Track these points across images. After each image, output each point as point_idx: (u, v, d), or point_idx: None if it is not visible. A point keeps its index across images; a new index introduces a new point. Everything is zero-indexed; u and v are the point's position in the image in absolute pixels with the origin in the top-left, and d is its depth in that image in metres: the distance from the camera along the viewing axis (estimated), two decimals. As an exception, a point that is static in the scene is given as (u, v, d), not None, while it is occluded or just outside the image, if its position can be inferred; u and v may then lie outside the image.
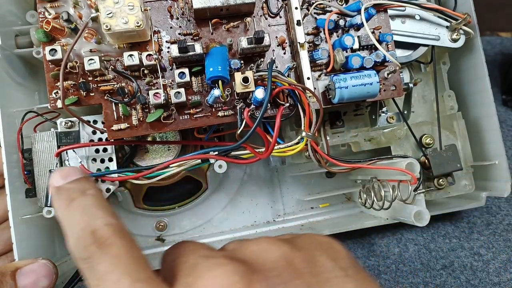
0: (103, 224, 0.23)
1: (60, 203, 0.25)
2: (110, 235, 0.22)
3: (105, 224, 0.22)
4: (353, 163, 0.37)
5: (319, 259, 0.23)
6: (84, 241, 0.22)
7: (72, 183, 0.26)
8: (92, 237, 0.22)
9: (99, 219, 0.23)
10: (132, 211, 0.46)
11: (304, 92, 0.33)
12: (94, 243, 0.22)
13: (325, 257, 0.23)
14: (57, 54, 0.31)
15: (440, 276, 0.46)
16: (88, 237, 0.22)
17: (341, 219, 0.48)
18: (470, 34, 0.40)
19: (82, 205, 0.24)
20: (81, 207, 0.24)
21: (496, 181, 0.42)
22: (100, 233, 0.22)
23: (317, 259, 0.23)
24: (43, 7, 0.33)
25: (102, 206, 0.24)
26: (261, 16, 0.35)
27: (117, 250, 0.22)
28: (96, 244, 0.22)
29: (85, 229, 0.22)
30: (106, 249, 0.22)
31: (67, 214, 0.24)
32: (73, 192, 0.25)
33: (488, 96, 0.41)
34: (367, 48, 0.36)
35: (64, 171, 0.26)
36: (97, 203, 0.24)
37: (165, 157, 0.41)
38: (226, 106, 0.34)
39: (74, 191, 0.25)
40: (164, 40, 0.34)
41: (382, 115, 0.41)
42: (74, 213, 0.24)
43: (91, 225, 0.23)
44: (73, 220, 0.23)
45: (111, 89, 0.33)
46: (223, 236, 0.47)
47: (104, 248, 0.22)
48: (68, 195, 0.25)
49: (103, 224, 0.23)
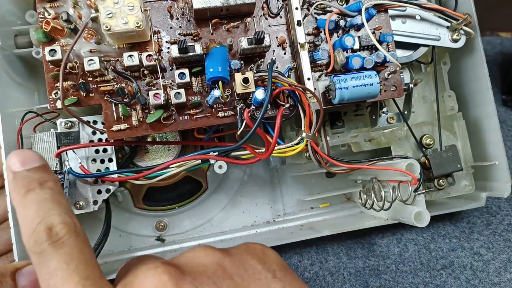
0: (59, 222, 0.23)
1: (16, 191, 0.24)
2: (64, 233, 0.23)
3: (60, 223, 0.23)
4: (353, 163, 0.37)
5: (249, 262, 0.25)
6: (39, 237, 0.22)
7: (30, 171, 0.25)
8: (47, 234, 0.22)
9: (55, 216, 0.23)
10: (132, 211, 0.46)
11: (305, 93, 0.33)
12: (48, 240, 0.22)
13: (256, 260, 0.25)
14: (57, 54, 0.31)
15: (440, 276, 0.46)
16: (43, 233, 0.22)
17: (341, 219, 0.48)
18: (470, 34, 0.40)
19: (39, 198, 0.24)
20: (37, 200, 0.24)
21: (496, 181, 0.42)
22: (55, 231, 0.23)
23: (247, 262, 0.25)
24: (42, 7, 0.32)
25: (59, 202, 0.24)
26: (261, 16, 0.35)
27: (70, 249, 0.22)
28: (50, 241, 0.22)
29: (40, 224, 0.23)
30: (59, 247, 0.22)
31: (23, 205, 0.24)
32: (30, 182, 0.25)
33: (488, 96, 0.41)
34: (368, 49, 0.36)
35: (23, 155, 0.25)
36: (54, 198, 0.24)
37: (165, 157, 0.41)
38: (226, 107, 0.34)
39: (32, 180, 0.25)
40: (164, 41, 0.34)
41: (382, 116, 0.41)
42: (30, 205, 0.24)
43: (47, 221, 0.23)
44: (28, 213, 0.23)
45: (111, 89, 0.33)
46: (223, 236, 0.47)
47: (57, 245, 0.22)
48: (25, 184, 0.24)
49: (59, 222, 0.23)
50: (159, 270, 0.23)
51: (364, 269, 0.47)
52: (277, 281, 0.24)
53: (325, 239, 0.48)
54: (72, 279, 0.22)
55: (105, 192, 0.35)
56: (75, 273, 0.22)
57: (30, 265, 0.30)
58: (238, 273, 0.24)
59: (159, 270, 0.23)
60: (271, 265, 0.25)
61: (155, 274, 0.23)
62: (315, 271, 0.47)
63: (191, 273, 0.23)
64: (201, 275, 0.23)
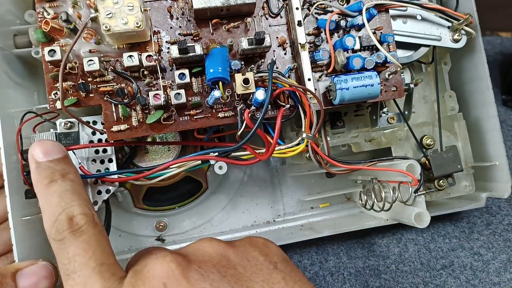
0: (79, 212, 0.25)
1: (40, 181, 0.27)
2: (84, 223, 0.25)
3: (80, 213, 0.25)
4: (353, 164, 0.37)
5: (251, 254, 0.26)
6: (60, 226, 0.25)
7: (53, 162, 0.27)
8: (68, 224, 0.25)
9: (75, 207, 0.25)
10: (132, 211, 0.46)
11: (305, 94, 0.33)
12: (68, 229, 0.25)
13: (258, 252, 0.26)
14: (56, 54, 0.31)
15: (440, 276, 0.46)
16: (64, 222, 0.25)
17: (341, 219, 0.48)
18: (471, 34, 0.40)
19: (60, 189, 0.26)
20: (59, 191, 0.26)
21: (496, 182, 0.42)
22: (75, 221, 0.25)
23: (250, 254, 0.26)
24: (41, 7, 0.32)
25: (79, 193, 0.26)
26: (261, 16, 0.35)
27: (88, 237, 0.25)
28: (70, 230, 0.25)
29: (62, 214, 0.25)
30: (78, 235, 0.25)
31: (46, 195, 0.26)
32: (53, 173, 0.27)
33: (489, 97, 0.41)
34: (368, 49, 0.36)
35: (46, 146, 0.28)
36: (74, 189, 0.26)
37: (165, 157, 0.41)
38: (227, 107, 0.34)
39: (55, 171, 0.27)
40: (164, 41, 0.34)
41: (382, 116, 0.41)
42: (52, 195, 0.26)
43: (68, 211, 0.25)
44: (51, 202, 0.26)
45: (111, 90, 0.33)
46: (223, 236, 0.47)
47: (77, 234, 0.25)
48: (48, 175, 0.27)
49: (79, 212, 0.25)
50: (167, 259, 0.24)
51: (364, 269, 0.47)
52: (278, 272, 0.25)
53: (325, 239, 0.48)
54: (89, 264, 0.24)
55: (105, 192, 0.35)
56: (92, 259, 0.24)
57: (30, 266, 0.31)
58: (241, 263, 0.25)
59: (167, 258, 0.24)
60: (273, 257, 0.26)
61: (163, 263, 0.24)
62: (315, 271, 0.47)
63: (197, 262, 0.25)
64: (206, 264, 0.25)
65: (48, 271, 0.31)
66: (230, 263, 0.25)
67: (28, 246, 0.34)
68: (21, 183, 0.34)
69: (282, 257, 0.27)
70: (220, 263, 0.25)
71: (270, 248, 0.27)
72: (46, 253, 0.38)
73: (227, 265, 0.25)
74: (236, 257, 0.26)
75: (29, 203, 0.35)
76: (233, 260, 0.26)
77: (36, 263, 0.31)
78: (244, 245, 0.27)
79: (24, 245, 0.33)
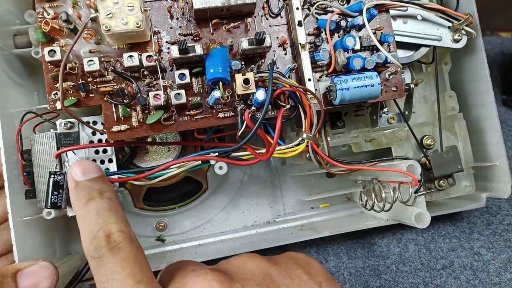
0: (116, 230, 0.25)
1: (78, 200, 0.27)
2: (121, 240, 0.25)
3: (117, 230, 0.25)
4: (354, 164, 0.37)
5: (295, 272, 0.26)
6: (98, 243, 0.25)
7: (91, 181, 0.28)
8: (106, 241, 0.25)
9: (113, 224, 0.25)
10: (132, 211, 0.46)
11: (305, 94, 0.33)
12: (106, 246, 0.24)
13: (301, 271, 0.26)
14: (56, 55, 0.31)
15: (440, 276, 0.46)
16: (102, 240, 0.25)
17: (341, 219, 0.48)
18: (472, 34, 0.40)
19: (98, 207, 0.26)
20: (97, 209, 0.26)
21: (496, 182, 0.42)
22: (113, 238, 0.25)
23: (293, 272, 0.26)
24: (41, 7, 0.32)
25: (116, 211, 0.27)
26: (262, 17, 0.35)
27: (126, 254, 0.24)
28: (108, 247, 0.24)
29: (100, 232, 0.25)
30: (116, 252, 0.24)
31: (84, 213, 0.26)
32: (91, 192, 0.27)
33: (489, 97, 0.41)
34: (369, 49, 0.36)
35: (84, 166, 0.28)
36: (111, 207, 0.27)
37: (165, 158, 0.41)
38: (227, 108, 0.34)
39: (93, 190, 0.27)
40: (164, 41, 0.33)
41: (383, 116, 0.41)
42: (91, 213, 0.26)
43: (105, 229, 0.25)
44: (89, 220, 0.26)
45: (111, 90, 0.33)
46: (223, 236, 0.47)
47: (115, 251, 0.24)
48: (87, 194, 0.27)
49: (116, 230, 0.25)
50: (209, 277, 0.24)
51: (364, 269, 0.47)
52: None
53: (325, 239, 0.48)
54: (127, 282, 0.23)
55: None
56: (129, 277, 0.24)
57: (31, 266, 0.31)
58: (284, 283, 0.25)
59: (209, 277, 0.24)
60: (317, 276, 0.26)
61: (205, 281, 0.24)
62: (315, 271, 0.47)
63: (239, 280, 0.24)
64: (249, 282, 0.24)
65: (49, 271, 0.31)
66: (273, 282, 0.25)
67: (28, 246, 0.34)
68: (21, 184, 0.34)
69: (326, 276, 0.26)
70: (264, 282, 0.24)
71: (313, 266, 0.27)
72: (46, 253, 0.38)
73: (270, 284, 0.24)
74: (279, 276, 0.25)
75: (29, 203, 0.35)
76: (276, 279, 0.25)
77: (36, 263, 0.31)
78: (286, 262, 0.26)
79: (24, 245, 0.33)
